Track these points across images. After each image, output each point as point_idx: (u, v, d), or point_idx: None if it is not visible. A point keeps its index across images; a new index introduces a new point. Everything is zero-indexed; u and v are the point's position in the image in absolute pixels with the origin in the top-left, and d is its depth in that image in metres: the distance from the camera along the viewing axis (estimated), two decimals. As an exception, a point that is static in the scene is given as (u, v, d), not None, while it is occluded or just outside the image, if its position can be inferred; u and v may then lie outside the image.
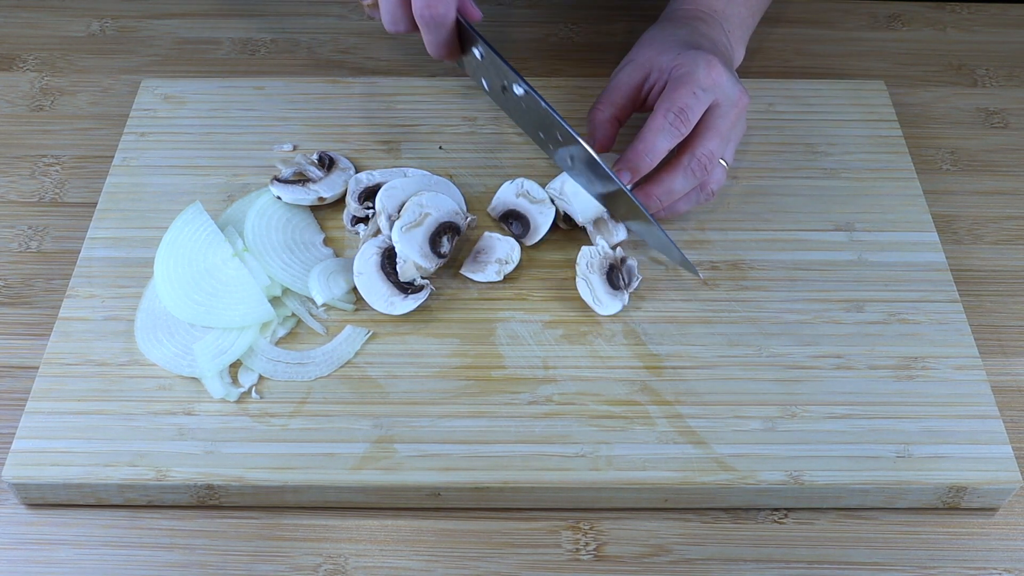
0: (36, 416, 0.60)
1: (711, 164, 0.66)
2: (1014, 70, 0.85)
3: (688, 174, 0.66)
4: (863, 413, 0.61)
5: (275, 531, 0.59)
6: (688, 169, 0.66)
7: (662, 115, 0.65)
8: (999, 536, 0.60)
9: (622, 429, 0.60)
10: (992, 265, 0.72)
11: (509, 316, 0.66)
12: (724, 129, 0.67)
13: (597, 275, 0.65)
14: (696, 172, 0.66)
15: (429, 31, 0.67)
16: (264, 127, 0.76)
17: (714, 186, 0.68)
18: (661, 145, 0.65)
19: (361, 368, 0.63)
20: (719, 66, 0.67)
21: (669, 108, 0.65)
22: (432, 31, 0.67)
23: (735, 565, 0.58)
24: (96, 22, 0.88)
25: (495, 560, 0.58)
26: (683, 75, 0.67)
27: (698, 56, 0.67)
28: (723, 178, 0.69)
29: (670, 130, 0.65)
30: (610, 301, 0.65)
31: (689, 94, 0.66)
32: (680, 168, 0.66)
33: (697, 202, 0.69)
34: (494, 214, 0.70)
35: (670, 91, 0.66)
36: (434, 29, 0.67)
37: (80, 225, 0.71)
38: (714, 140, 0.66)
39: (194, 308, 0.64)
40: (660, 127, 0.65)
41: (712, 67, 0.67)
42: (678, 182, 0.66)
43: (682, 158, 0.66)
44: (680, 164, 0.66)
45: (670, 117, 0.65)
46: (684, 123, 0.65)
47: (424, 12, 0.66)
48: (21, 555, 0.58)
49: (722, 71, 0.67)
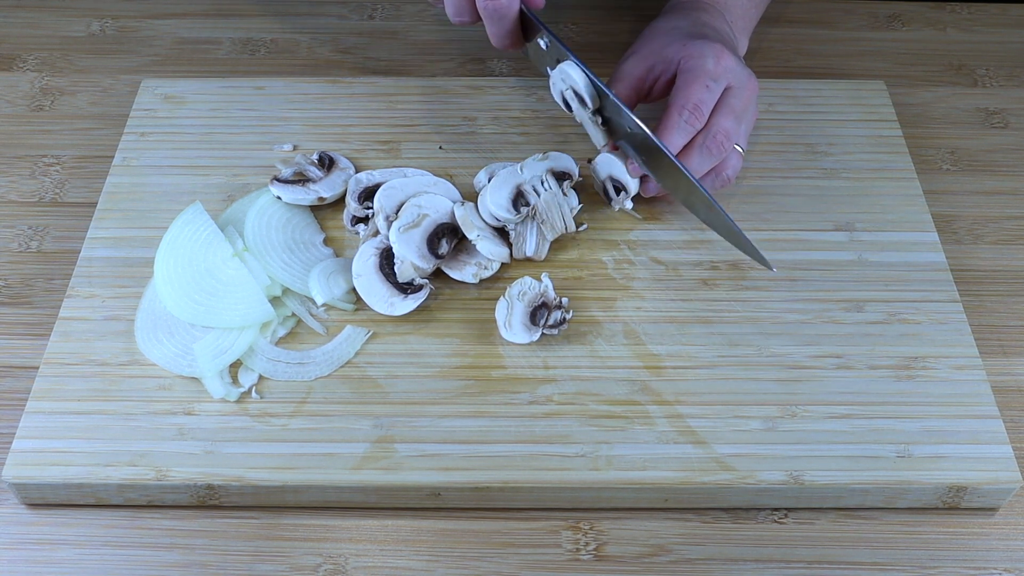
0: (36, 416, 0.60)
1: (727, 142, 0.66)
2: (1014, 70, 0.85)
3: (704, 152, 0.66)
4: (863, 413, 0.61)
5: (275, 531, 0.59)
6: (704, 147, 0.66)
7: (676, 112, 0.66)
8: (999, 536, 0.60)
9: (622, 429, 0.60)
10: (992, 265, 0.72)
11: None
12: (738, 108, 0.67)
13: (523, 305, 0.64)
14: (712, 150, 0.66)
15: (492, 22, 0.67)
16: (264, 127, 0.76)
17: (730, 171, 0.68)
18: (676, 142, 0.66)
19: (361, 368, 0.63)
20: (727, 53, 0.67)
21: (683, 105, 0.66)
22: (495, 22, 0.67)
23: (735, 565, 0.58)
24: (96, 22, 0.88)
25: (495, 560, 0.58)
26: (693, 67, 0.67)
27: (705, 46, 0.67)
28: (739, 164, 0.69)
29: (685, 127, 0.66)
30: (520, 331, 0.64)
31: (702, 88, 0.66)
32: (695, 147, 0.66)
33: (714, 188, 0.69)
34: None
35: (682, 87, 0.66)
36: (497, 20, 0.66)
37: (80, 225, 0.71)
38: (728, 117, 0.66)
39: (194, 308, 0.64)
40: (675, 124, 0.66)
41: (721, 56, 0.67)
42: (694, 161, 0.66)
43: (697, 137, 0.66)
44: (695, 143, 0.66)
45: (685, 115, 0.65)
46: (699, 119, 0.66)
47: (487, 4, 0.65)
48: (21, 555, 0.58)
49: (730, 57, 0.67)
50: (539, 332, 0.64)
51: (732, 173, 0.69)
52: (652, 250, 0.69)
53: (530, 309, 0.64)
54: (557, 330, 0.64)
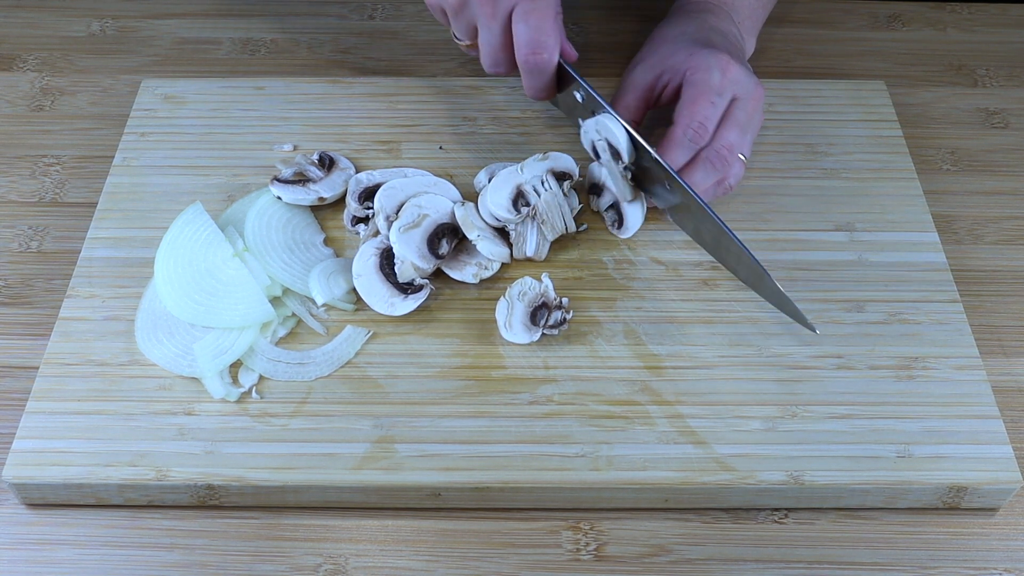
0: (36, 416, 0.60)
1: (731, 156, 0.66)
2: (1014, 70, 0.85)
3: (708, 166, 0.66)
4: (863, 413, 0.61)
5: (275, 531, 0.59)
6: (708, 162, 0.66)
7: (681, 130, 0.66)
8: (999, 536, 0.60)
9: (622, 429, 0.60)
10: (992, 265, 0.72)
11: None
12: (742, 120, 0.67)
13: (523, 305, 0.64)
14: (716, 164, 0.66)
15: (533, 76, 0.67)
16: (264, 127, 0.76)
17: (732, 180, 0.68)
18: (680, 159, 0.66)
19: (361, 368, 0.63)
20: (733, 64, 0.67)
21: (688, 123, 0.66)
22: (535, 76, 0.67)
23: (735, 565, 0.58)
24: (96, 22, 0.88)
25: (495, 560, 0.58)
26: (698, 82, 0.67)
27: (711, 57, 0.67)
28: (741, 172, 0.69)
29: (689, 145, 0.66)
30: (521, 331, 0.64)
31: (707, 105, 0.66)
32: (700, 161, 0.66)
33: (715, 196, 0.69)
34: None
35: (687, 102, 0.66)
36: (538, 74, 0.67)
37: (80, 225, 0.71)
38: (733, 131, 0.66)
39: (194, 308, 0.64)
40: (679, 141, 0.66)
41: (727, 68, 0.67)
42: (699, 176, 0.66)
43: (702, 151, 0.66)
44: (700, 157, 0.66)
45: (689, 133, 0.66)
46: (703, 136, 0.66)
47: (530, 59, 0.66)
48: (21, 555, 0.58)
49: (736, 68, 0.67)
50: (539, 332, 0.64)
51: (734, 181, 0.68)
52: (652, 250, 0.69)
53: (530, 309, 0.64)
54: (557, 330, 0.64)
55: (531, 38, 0.65)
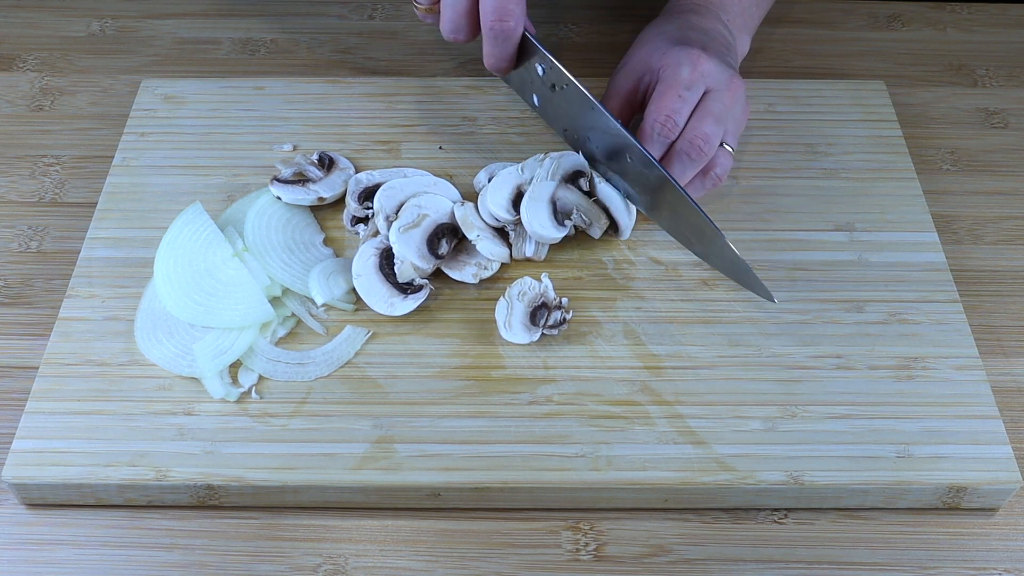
0: (36, 416, 0.60)
1: (706, 146, 0.66)
2: (1014, 70, 0.85)
3: (683, 158, 0.66)
4: (863, 413, 0.61)
5: (275, 531, 0.59)
6: (683, 153, 0.66)
7: (649, 125, 0.66)
8: (999, 536, 0.60)
9: (622, 429, 0.60)
10: (992, 265, 0.72)
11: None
12: (717, 110, 0.67)
13: (523, 305, 0.64)
14: (691, 155, 0.66)
15: (496, 44, 0.66)
16: (264, 127, 0.76)
17: (719, 170, 0.68)
18: (652, 153, 0.66)
19: (361, 368, 0.63)
20: (704, 58, 0.67)
21: (656, 118, 0.66)
22: (499, 45, 0.66)
23: (735, 565, 0.58)
24: (96, 22, 0.88)
25: (495, 560, 0.58)
26: (667, 77, 0.67)
27: (682, 53, 0.67)
28: (728, 163, 0.68)
29: (658, 139, 0.66)
30: (520, 331, 0.64)
31: (674, 98, 0.66)
32: (675, 154, 0.66)
33: (705, 188, 0.69)
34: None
35: (656, 98, 0.67)
36: (502, 43, 0.66)
37: (80, 225, 0.71)
38: (705, 121, 0.66)
39: (194, 308, 0.64)
40: (648, 136, 0.66)
41: (697, 62, 0.66)
42: (675, 167, 0.66)
43: (675, 144, 0.66)
44: (674, 149, 0.66)
45: (657, 127, 0.65)
46: (672, 129, 0.66)
47: (496, 25, 0.65)
48: (21, 555, 0.58)
49: (708, 61, 0.66)
50: (539, 332, 0.64)
51: (722, 172, 0.68)
52: (652, 250, 0.69)
53: (530, 309, 0.64)
54: (557, 330, 0.64)
55: (498, 4, 0.64)
